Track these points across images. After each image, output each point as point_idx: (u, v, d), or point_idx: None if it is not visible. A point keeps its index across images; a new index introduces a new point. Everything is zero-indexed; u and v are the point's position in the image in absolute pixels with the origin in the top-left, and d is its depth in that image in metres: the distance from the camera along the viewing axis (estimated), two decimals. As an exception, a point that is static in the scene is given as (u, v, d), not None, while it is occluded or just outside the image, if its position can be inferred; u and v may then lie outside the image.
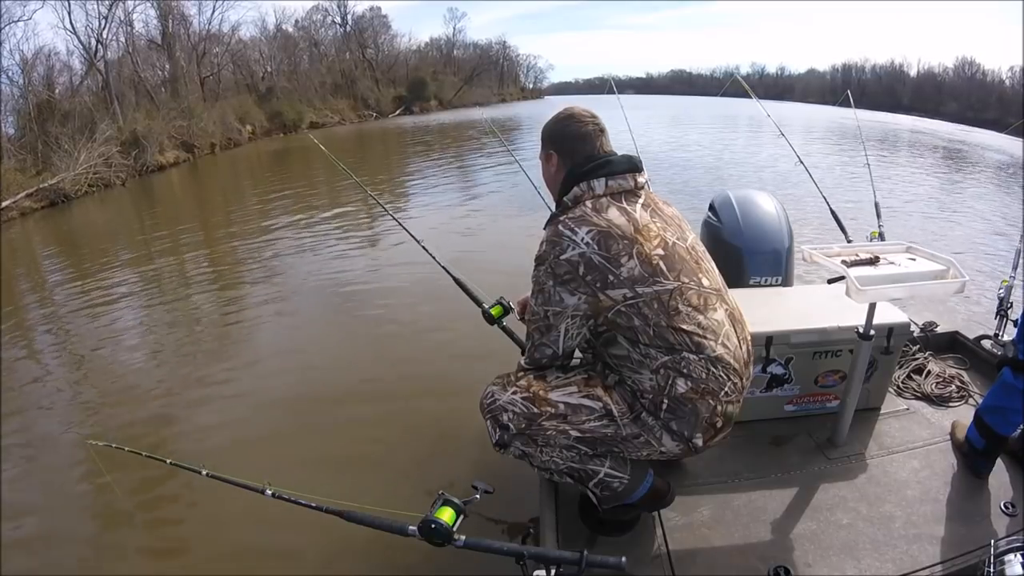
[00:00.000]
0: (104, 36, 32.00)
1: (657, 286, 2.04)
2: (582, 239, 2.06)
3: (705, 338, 2.08)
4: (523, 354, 2.41)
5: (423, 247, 3.60)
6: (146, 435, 4.96)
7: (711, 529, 2.64)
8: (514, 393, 2.25)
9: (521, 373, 2.34)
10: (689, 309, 2.07)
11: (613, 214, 2.10)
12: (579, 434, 2.20)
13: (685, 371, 2.07)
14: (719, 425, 2.17)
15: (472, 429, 4.35)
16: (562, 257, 2.08)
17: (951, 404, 3.38)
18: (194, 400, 5.52)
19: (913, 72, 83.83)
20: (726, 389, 2.12)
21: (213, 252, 11.28)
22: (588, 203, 2.15)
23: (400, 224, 3.85)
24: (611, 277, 2.04)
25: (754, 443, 3.09)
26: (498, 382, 2.34)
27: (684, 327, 2.06)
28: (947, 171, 20.59)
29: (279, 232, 12.15)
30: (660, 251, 2.08)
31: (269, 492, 2.41)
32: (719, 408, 2.13)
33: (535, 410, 2.20)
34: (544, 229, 2.23)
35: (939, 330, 4.04)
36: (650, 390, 2.11)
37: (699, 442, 2.16)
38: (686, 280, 2.09)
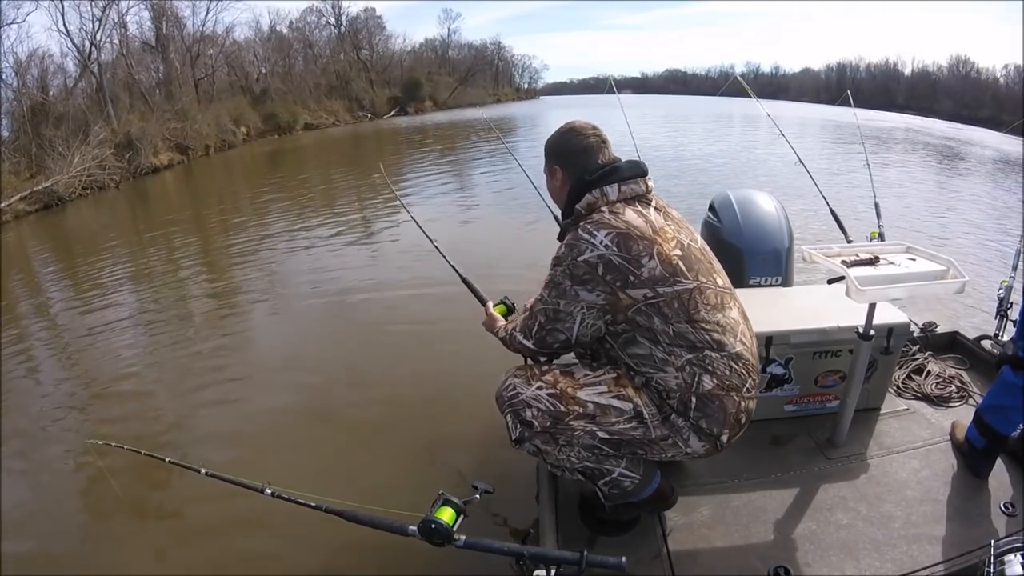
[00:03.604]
0: (98, 38, 31.82)
1: (678, 286, 2.05)
2: (600, 241, 2.06)
3: (724, 336, 2.10)
4: (517, 330, 2.41)
5: (435, 246, 3.63)
6: (145, 434, 4.95)
7: (711, 529, 2.64)
8: (539, 389, 2.22)
9: (546, 367, 2.33)
10: (708, 308, 2.09)
11: (631, 216, 2.11)
12: (606, 435, 2.19)
13: (710, 368, 2.08)
14: (743, 421, 2.20)
15: (472, 429, 4.37)
16: (580, 259, 2.09)
17: (951, 404, 3.38)
18: (193, 399, 5.52)
19: (908, 71, 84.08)
20: (747, 385, 2.15)
21: (209, 253, 11.26)
22: (604, 208, 2.16)
23: (419, 226, 3.86)
24: (632, 277, 2.05)
25: (754, 443, 3.09)
26: (520, 375, 2.31)
27: (704, 326, 2.08)
28: (945, 170, 20.66)
29: (275, 233, 12.15)
30: (678, 252, 2.09)
31: (268, 491, 2.41)
32: (742, 404, 2.16)
33: (562, 408, 2.18)
34: (559, 240, 2.25)
35: (939, 330, 4.04)
36: (676, 388, 2.11)
37: (725, 439, 2.18)
38: (704, 280, 2.11)
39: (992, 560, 2.14)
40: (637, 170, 2.23)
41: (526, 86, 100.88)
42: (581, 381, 2.22)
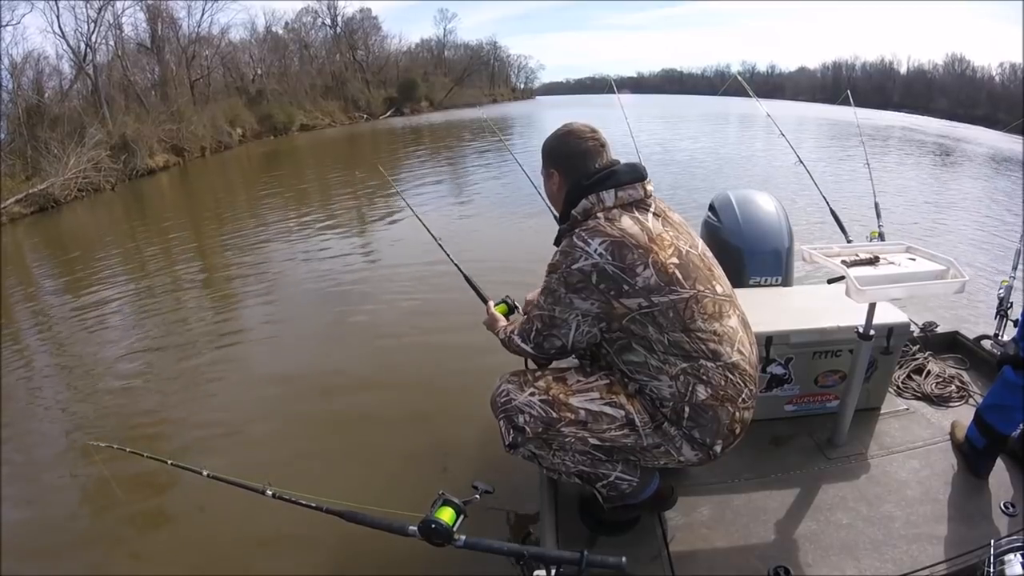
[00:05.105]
0: (93, 40, 31.78)
1: (673, 295, 2.03)
2: (595, 250, 2.04)
3: (721, 345, 2.08)
4: (515, 333, 2.40)
5: (439, 244, 3.64)
6: (147, 436, 4.97)
7: (711, 529, 2.64)
8: (532, 395, 2.22)
9: (539, 373, 2.31)
10: (705, 317, 2.07)
11: (627, 223, 2.09)
12: (598, 442, 2.19)
13: (705, 378, 2.07)
14: (737, 431, 2.18)
15: (472, 429, 4.37)
16: (574, 267, 2.07)
17: (951, 404, 3.38)
18: (194, 401, 5.53)
19: (903, 69, 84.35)
20: (743, 395, 2.14)
21: (206, 255, 11.25)
22: (600, 215, 2.13)
23: (422, 223, 3.85)
24: (626, 286, 2.03)
25: (754, 443, 3.08)
26: (513, 380, 2.30)
27: (700, 335, 2.05)
28: (944, 169, 20.75)
29: (272, 234, 12.15)
30: (675, 260, 2.06)
31: (269, 492, 2.40)
32: (737, 414, 2.14)
33: (554, 415, 2.18)
34: (555, 245, 2.23)
35: (939, 330, 4.05)
36: (670, 397, 2.10)
37: (718, 449, 2.17)
38: (701, 288, 2.08)
39: (992, 560, 2.14)
40: (635, 174, 2.20)
41: (522, 86, 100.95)
42: (573, 387, 2.21)
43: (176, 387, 5.82)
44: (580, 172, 2.24)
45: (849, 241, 4.50)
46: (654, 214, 2.17)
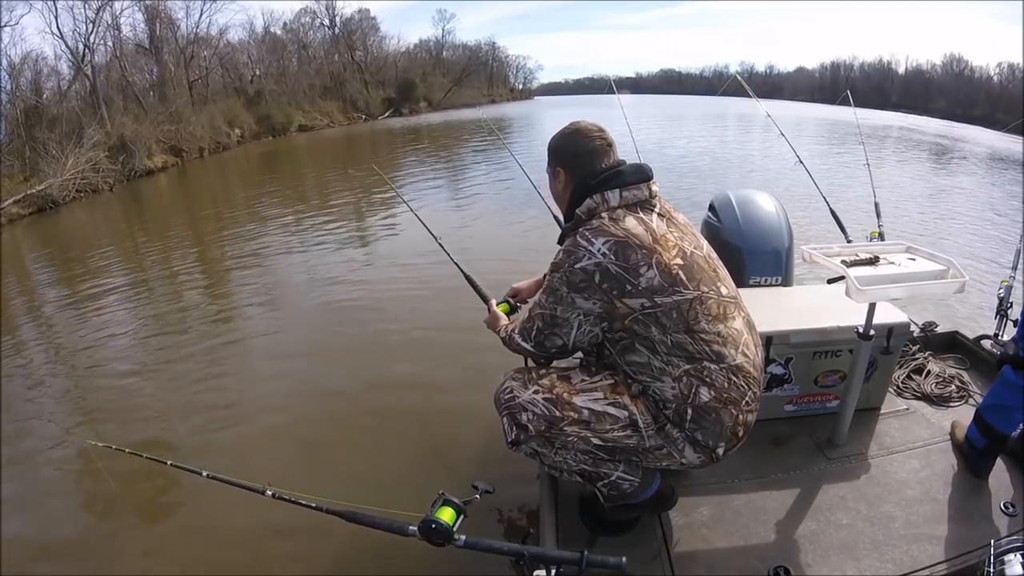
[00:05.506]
0: (91, 40, 31.69)
1: (676, 296, 2.02)
2: (598, 249, 2.04)
3: (725, 347, 2.07)
4: (516, 331, 2.39)
5: (439, 243, 3.62)
6: (147, 437, 4.95)
7: (711, 529, 2.64)
8: (535, 392, 2.21)
9: (543, 371, 2.30)
10: (709, 318, 2.06)
11: (631, 223, 2.08)
12: (600, 442, 2.18)
13: (708, 380, 2.06)
14: (740, 434, 2.17)
15: (473, 428, 4.37)
16: (577, 266, 2.06)
17: (951, 404, 3.38)
18: (193, 402, 5.50)
19: (902, 69, 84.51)
20: (747, 398, 2.13)
21: (204, 255, 11.23)
22: (604, 215, 2.12)
23: (422, 222, 3.81)
24: (629, 287, 2.02)
25: (754, 443, 3.05)
26: (517, 377, 2.30)
27: (704, 337, 2.04)
28: (943, 169, 20.71)
29: (271, 234, 12.14)
30: (679, 261, 2.06)
31: (269, 493, 2.40)
32: (740, 417, 2.13)
33: (557, 413, 2.17)
34: (559, 244, 2.22)
35: (939, 330, 4.05)
36: (673, 399, 2.09)
37: (721, 452, 2.16)
38: (705, 289, 2.07)
39: (992, 560, 2.14)
40: (641, 175, 2.20)
41: (521, 87, 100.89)
42: (578, 387, 2.20)
43: (176, 388, 5.81)
44: (586, 171, 2.24)
45: (849, 241, 4.51)
46: (659, 215, 2.16)
